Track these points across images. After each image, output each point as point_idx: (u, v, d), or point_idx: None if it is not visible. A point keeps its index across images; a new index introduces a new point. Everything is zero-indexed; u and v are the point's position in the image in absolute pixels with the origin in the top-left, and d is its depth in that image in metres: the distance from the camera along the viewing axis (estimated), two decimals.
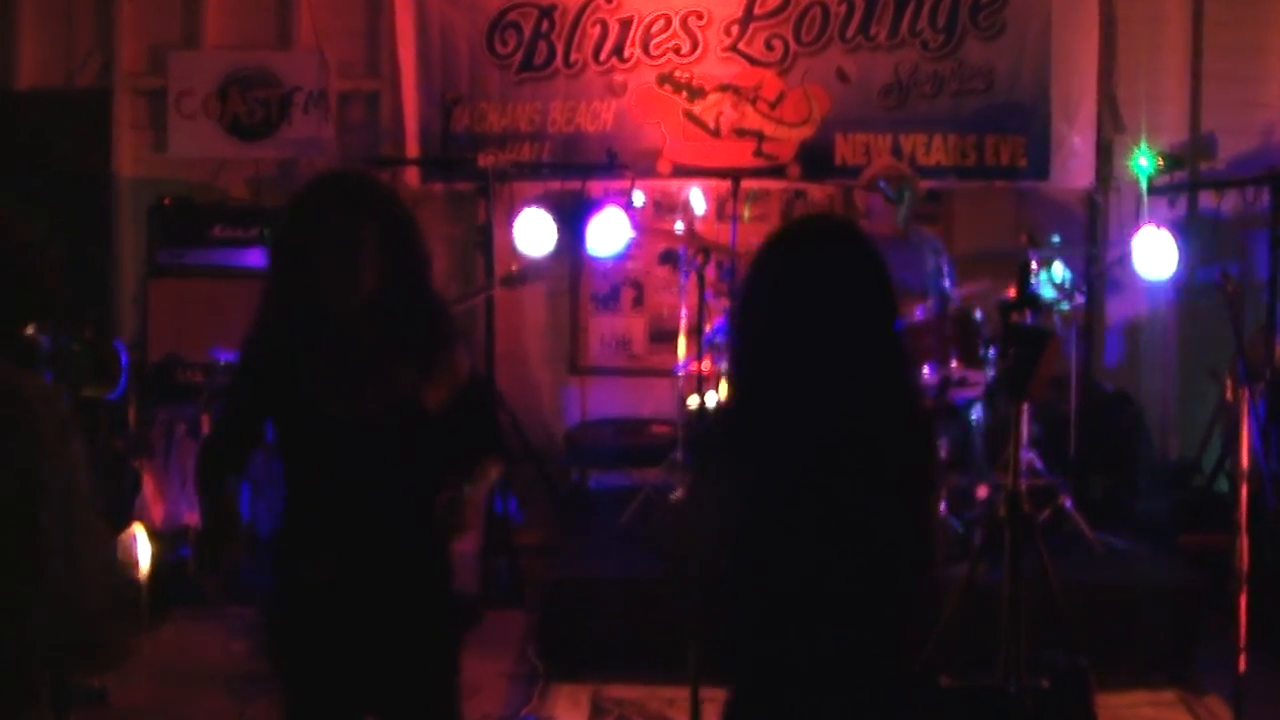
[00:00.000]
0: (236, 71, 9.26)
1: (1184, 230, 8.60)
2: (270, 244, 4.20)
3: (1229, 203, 8.87)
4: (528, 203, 8.66)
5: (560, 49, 9.10)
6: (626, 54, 9.08)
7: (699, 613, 3.39)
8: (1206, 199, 9.08)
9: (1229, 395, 6.73)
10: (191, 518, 7.63)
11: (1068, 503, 7.41)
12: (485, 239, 8.56)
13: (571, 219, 8.55)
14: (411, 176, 9.12)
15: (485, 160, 8.48)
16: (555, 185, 8.96)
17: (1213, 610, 6.27)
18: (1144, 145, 8.83)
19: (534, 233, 8.48)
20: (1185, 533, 7.62)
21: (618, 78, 9.12)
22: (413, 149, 9.14)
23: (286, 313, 3.82)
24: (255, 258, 8.48)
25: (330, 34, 9.27)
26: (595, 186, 8.83)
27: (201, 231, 8.68)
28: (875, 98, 9.05)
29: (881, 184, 7.85)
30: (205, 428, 7.70)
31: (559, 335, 9.46)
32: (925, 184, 8.38)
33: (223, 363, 7.63)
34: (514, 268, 8.71)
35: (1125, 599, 6.75)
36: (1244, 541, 5.58)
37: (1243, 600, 5.53)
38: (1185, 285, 8.85)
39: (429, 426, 3.82)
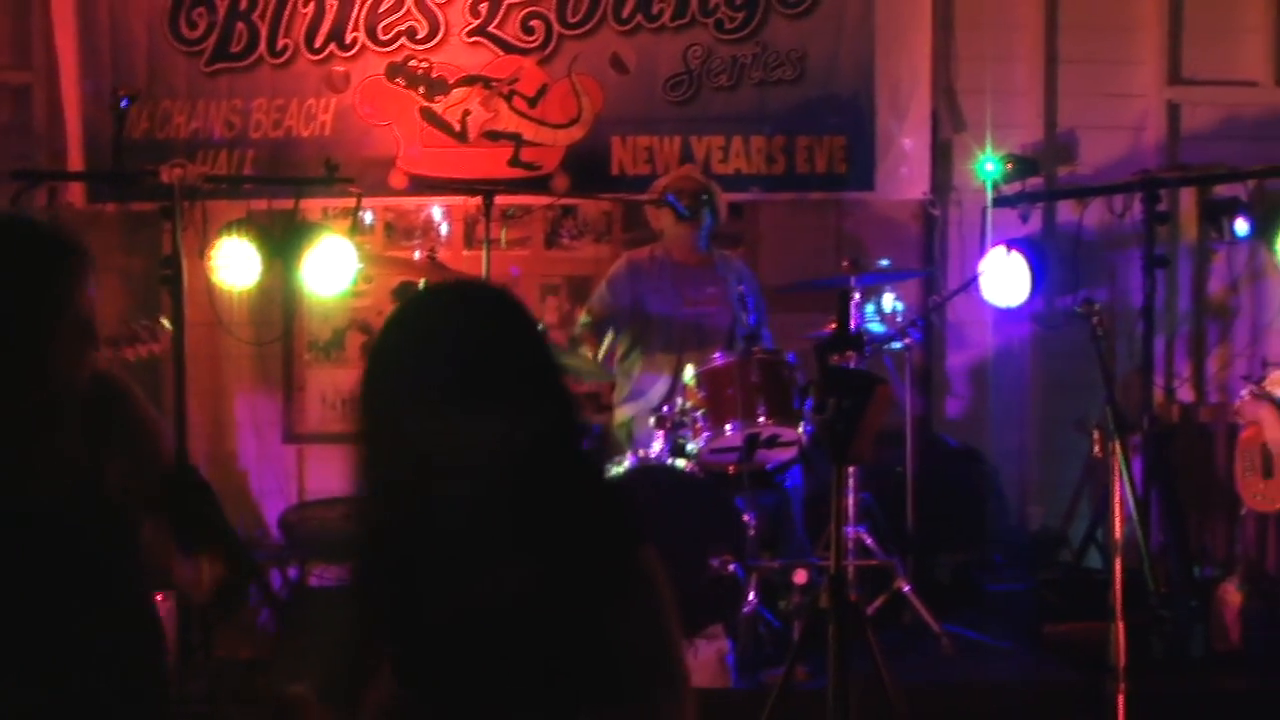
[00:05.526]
0: None
1: (1039, 250, 8.70)
2: None
3: (1093, 215, 8.95)
4: (226, 227, 8.47)
5: (264, 32, 8.99)
6: (349, 39, 9.01)
7: None
8: (1066, 211, 9.24)
9: (1098, 451, 6.83)
10: None
11: (906, 587, 7.48)
12: (173, 273, 8.29)
13: (282, 246, 8.34)
14: (76, 194, 8.94)
15: (170, 174, 8.20)
16: (261, 204, 8.71)
17: (1085, 714, 6.33)
18: (989, 147, 8.97)
19: (234, 265, 8.30)
20: (1050, 620, 7.70)
21: (338, 69, 9.04)
22: (76, 160, 8.96)
23: None
24: None
25: None
26: (312, 205, 8.69)
27: None
28: (660, 91, 9.11)
29: (670, 198, 7.90)
30: None
31: (268, 393, 9.36)
32: (725, 197, 8.40)
33: None
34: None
35: (979, 704, 6.80)
36: (1120, 630, 5.64)
37: (1120, 700, 5.59)
38: (1043, 317, 9.02)
39: (116, 517, 3.68)
